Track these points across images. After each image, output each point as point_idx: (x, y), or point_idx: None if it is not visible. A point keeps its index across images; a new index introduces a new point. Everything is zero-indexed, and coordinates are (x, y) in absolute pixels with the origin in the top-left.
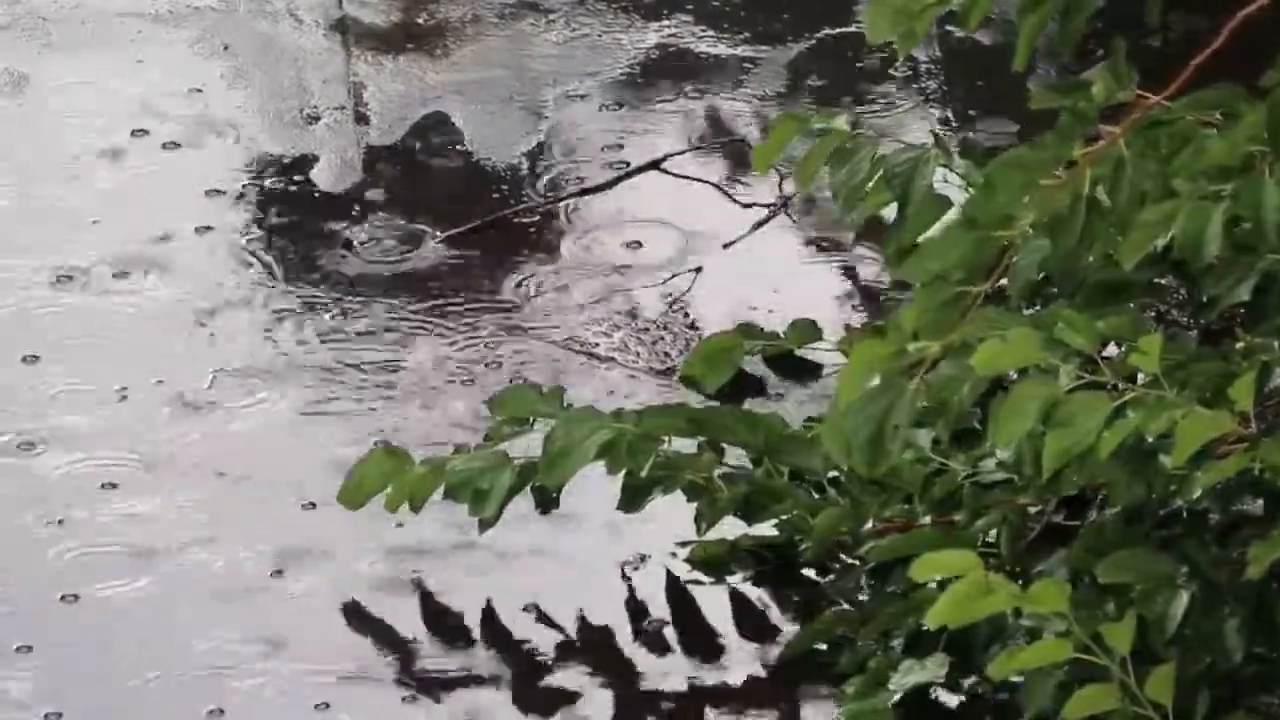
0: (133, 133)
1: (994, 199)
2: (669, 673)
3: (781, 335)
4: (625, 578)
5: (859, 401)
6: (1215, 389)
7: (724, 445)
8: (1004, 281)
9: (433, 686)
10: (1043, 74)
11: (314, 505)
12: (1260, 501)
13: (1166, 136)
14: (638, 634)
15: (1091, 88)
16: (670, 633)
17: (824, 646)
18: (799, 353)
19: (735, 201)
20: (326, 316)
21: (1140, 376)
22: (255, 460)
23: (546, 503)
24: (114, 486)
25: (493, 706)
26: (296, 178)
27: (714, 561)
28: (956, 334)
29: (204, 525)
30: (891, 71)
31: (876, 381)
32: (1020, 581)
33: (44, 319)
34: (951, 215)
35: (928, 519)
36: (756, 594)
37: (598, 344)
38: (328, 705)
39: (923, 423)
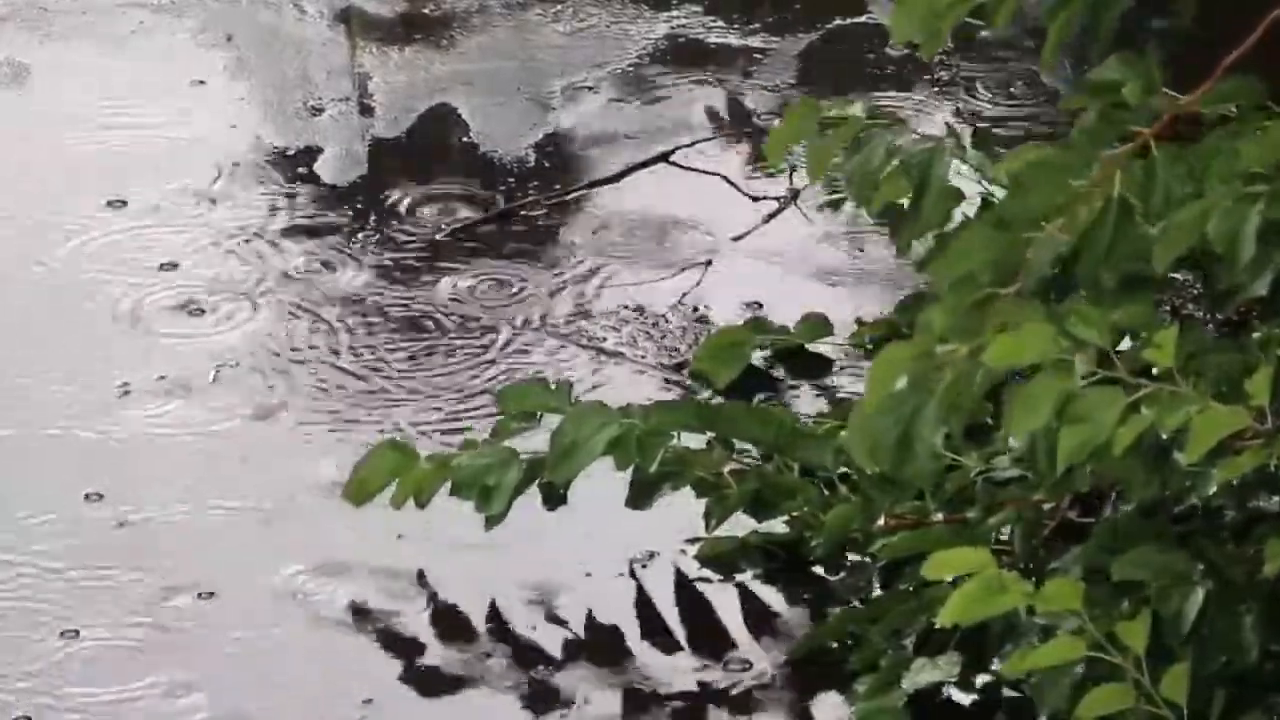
0: (134, 125)
1: (1025, 200)
2: (677, 671)
3: (792, 330)
4: (633, 575)
5: (886, 403)
6: (1231, 384)
7: (733, 441)
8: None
9: (436, 684)
10: (1060, 68)
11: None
12: (1276, 498)
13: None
14: (646, 631)
15: (1122, 89)
16: (679, 630)
17: (834, 644)
18: (809, 347)
19: (745, 194)
20: (331, 314)
21: (1155, 371)
22: (254, 478)
23: (554, 499)
24: None
25: (498, 705)
26: (301, 170)
27: (723, 558)
28: (985, 336)
29: None
30: (904, 62)
31: (904, 383)
32: (1033, 579)
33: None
34: (965, 208)
35: (940, 516)
36: (766, 591)
37: (605, 338)
38: None
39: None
